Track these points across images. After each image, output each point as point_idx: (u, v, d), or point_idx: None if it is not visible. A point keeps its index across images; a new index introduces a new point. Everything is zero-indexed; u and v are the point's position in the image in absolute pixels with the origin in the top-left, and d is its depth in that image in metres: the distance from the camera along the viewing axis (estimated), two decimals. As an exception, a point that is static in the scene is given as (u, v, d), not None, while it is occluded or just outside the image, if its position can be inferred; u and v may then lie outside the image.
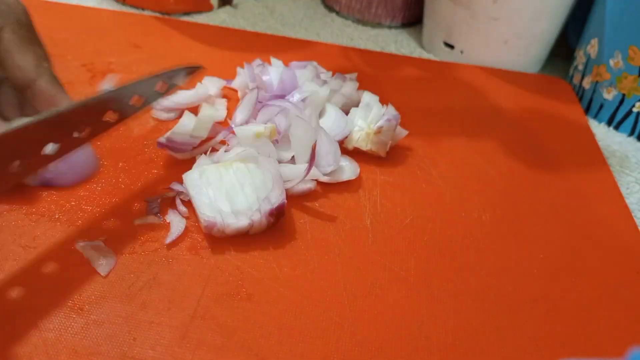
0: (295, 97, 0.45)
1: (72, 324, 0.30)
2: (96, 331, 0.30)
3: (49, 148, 0.31)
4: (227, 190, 0.37)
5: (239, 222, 0.36)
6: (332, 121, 0.45)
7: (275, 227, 0.38)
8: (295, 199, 0.41)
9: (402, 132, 0.47)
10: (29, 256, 0.34)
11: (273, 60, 0.52)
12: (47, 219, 0.36)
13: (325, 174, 0.42)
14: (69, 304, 0.31)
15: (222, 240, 0.37)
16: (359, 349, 0.32)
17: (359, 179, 0.43)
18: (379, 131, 0.44)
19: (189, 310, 0.32)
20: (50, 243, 0.35)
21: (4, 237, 0.34)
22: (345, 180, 0.43)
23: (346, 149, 0.46)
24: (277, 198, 0.36)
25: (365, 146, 0.45)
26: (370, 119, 0.45)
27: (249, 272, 0.35)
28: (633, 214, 0.45)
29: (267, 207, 0.36)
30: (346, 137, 0.45)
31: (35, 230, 0.35)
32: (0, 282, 0.32)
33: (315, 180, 0.42)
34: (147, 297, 0.32)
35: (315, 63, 0.51)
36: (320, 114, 0.46)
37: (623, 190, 0.49)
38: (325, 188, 0.43)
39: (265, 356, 0.30)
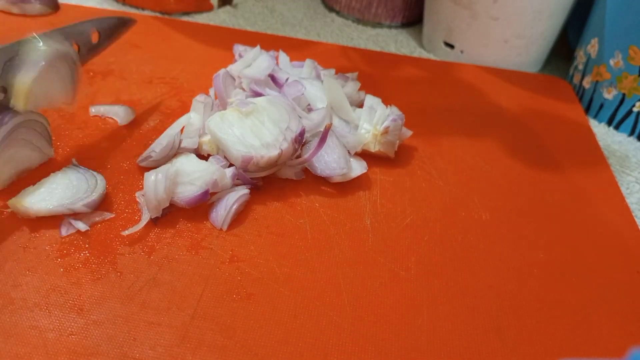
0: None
1: (72, 324, 0.30)
2: (96, 331, 0.30)
3: None
4: (251, 128, 0.40)
5: (271, 152, 0.39)
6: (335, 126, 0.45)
7: (275, 227, 0.38)
8: (295, 199, 0.41)
9: (407, 133, 0.47)
10: (28, 256, 0.34)
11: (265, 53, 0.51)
12: (47, 219, 0.36)
13: (339, 175, 0.42)
14: (68, 304, 0.31)
15: (222, 239, 0.37)
16: (358, 348, 0.32)
17: (359, 179, 0.43)
18: (385, 131, 0.44)
19: (189, 310, 0.32)
20: (49, 244, 0.35)
21: (4, 237, 0.34)
22: (356, 176, 0.43)
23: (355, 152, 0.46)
24: (297, 126, 0.40)
25: (373, 148, 0.45)
26: (375, 120, 0.45)
27: (249, 272, 0.35)
28: (633, 214, 0.45)
29: (291, 135, 0.40)
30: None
31: (34, 230, 0.35)
32: (0, 282, 0.32)
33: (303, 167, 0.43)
34: (147, 297, 0.32)
35: (313, 61, 0.51)
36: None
37: (623, 190, 0.49)
38: (326, 188, 0.43)
39: (265, 356, 0.30)
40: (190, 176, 0.38)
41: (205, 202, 0.38)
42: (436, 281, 0.37)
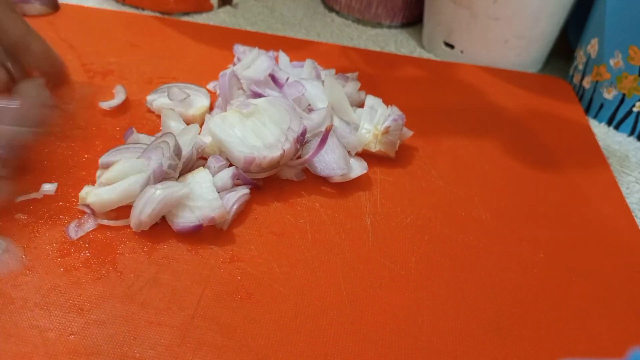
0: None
1: (72, 323, 0.30)
2: (96, 331, 0.30)
3: None
4: (252, 129, 0.40)
5: (273, 153, 0.39)
6: (336, 126, 0.45)
7: (275, 227, 0.38)
8: (295, 199, 0.41)
9: (408, 133, 0.47)
10: (28, 256, 0.34)
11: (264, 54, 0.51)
12: (47, 218, 0.36)
13: (339, 176, 0.42)
14: (68, 303, 0.31)
15: (222, 239, 0.37)
16: (358, 348, 0.32)
17: (359, 179, 0.43)
18: (386, 131, 0.44)
19: (189, 310, 0.32)
20: (49, 244, 0.35)
21: (5, 237, 0.34)
22: (356, 176, 0.43)
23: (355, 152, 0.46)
24: (298, 126, 0.40)
25: (374, 147, 0.45)
26: (376, 120, 0.45)
27: (249, 271, 0.35)
28: (633, 214, 0.45)
29: (293, 135, 0.40)
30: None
31: (34, 230, 0.35)
32: (0, 282, 0.32)
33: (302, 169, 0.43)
34: (147, 296, 0.32)
35: (313, 61, 0.51)
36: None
37: (623, 189, 0.49)
38: (326, 188, 0.43)
39: (265, 356, 0.30)
40: (195, 202, 0.36)
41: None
42: (436, 281, 0.37)
